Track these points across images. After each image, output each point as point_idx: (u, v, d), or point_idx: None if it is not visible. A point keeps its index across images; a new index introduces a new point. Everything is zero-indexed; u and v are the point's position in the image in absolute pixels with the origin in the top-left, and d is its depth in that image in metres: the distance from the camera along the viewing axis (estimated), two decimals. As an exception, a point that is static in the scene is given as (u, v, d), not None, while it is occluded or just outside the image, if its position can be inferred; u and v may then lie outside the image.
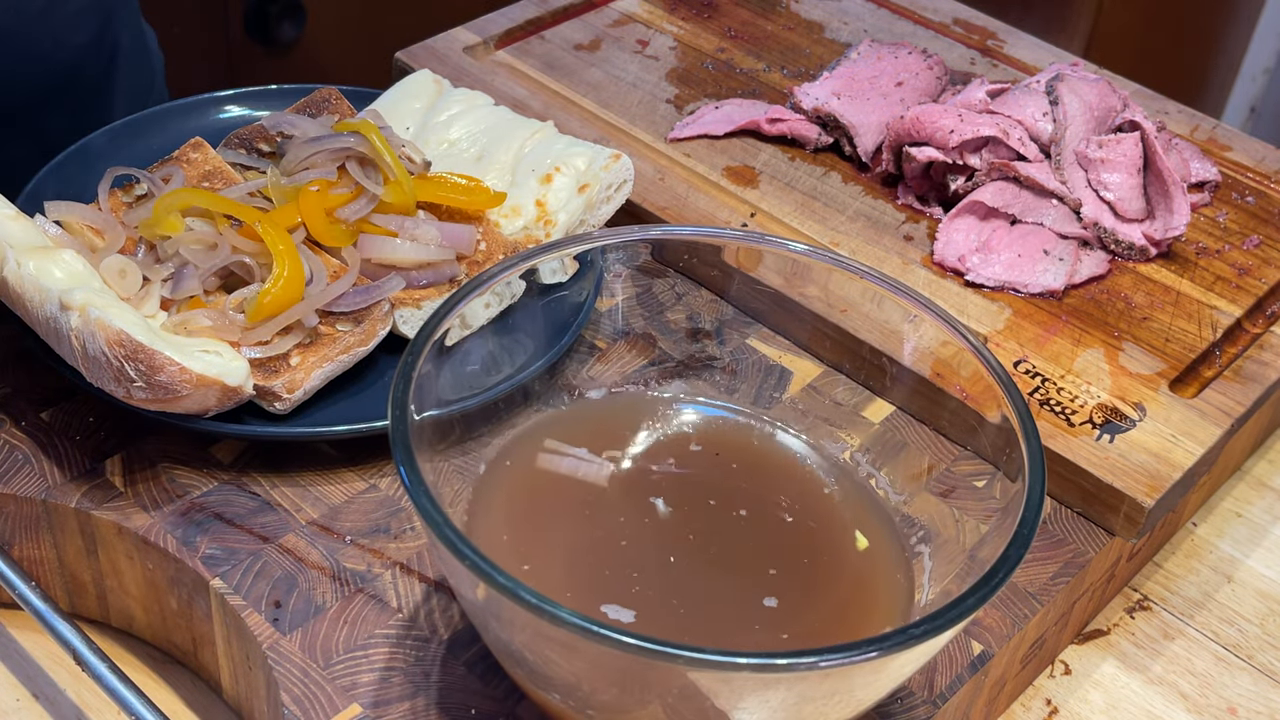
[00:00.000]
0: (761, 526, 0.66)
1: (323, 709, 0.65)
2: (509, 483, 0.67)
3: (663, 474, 0.68)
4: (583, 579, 0.63)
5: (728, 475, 0.69)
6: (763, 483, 0.69)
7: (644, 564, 0.63)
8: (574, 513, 0.66)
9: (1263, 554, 0.86)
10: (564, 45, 1.08)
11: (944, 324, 0.66)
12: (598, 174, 0.87)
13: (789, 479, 0.69)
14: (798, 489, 0.69)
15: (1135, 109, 0.96)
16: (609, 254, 0.75)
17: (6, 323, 0.80)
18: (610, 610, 0.60)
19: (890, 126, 0.96)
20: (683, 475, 0.68)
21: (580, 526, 0.65)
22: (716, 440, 0.71)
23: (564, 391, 0.73)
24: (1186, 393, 0.82)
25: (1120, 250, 0.91)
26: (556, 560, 0.64)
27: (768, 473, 0.70)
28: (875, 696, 0.58)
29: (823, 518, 0.67)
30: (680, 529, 0.65)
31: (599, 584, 0.62)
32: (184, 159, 0.85)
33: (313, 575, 0.70)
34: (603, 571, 0.63)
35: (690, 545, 0.65)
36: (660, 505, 0.66)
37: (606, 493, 0.67)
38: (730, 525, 0.66)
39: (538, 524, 0.66)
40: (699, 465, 0.69)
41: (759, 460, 0.70)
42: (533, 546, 0.64)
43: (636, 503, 0.66)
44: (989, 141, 0.92)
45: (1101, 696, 0.78)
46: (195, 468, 0.75)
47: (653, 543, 0.65)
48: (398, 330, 0.80)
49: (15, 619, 0.77)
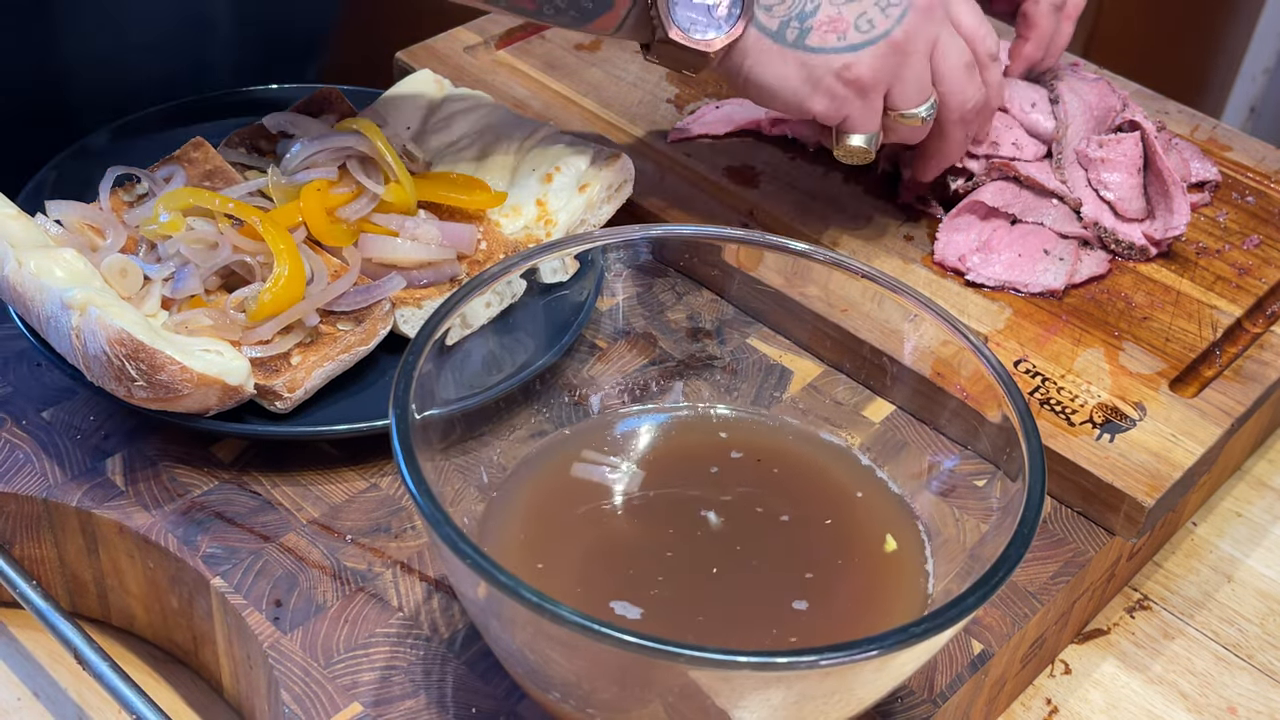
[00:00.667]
0: (799, 531, 0.65)
1: (323, 708, 0.65)
2: (536, 486, 0.67)
3: (700, 481, 0.68)
4: (597, 578, 0.63)
5: (765, 479, 0.69)
6: (799, 488, 0.69)
7: (667, 565, 0.63)
8: (599, 516, 0.66)
9: (1263, 554, 0.86)
10: (564, 45, 1.08)
11: (944, 323, 0.66)
12: (598, 174, 0.87)
13: (824, 483, 0.69)
14: (834, 494, 0.69)
15: (1135, 109, 0.96)
16: (609, 253, 0.75)
17: (6, 322, 0.80)
18: (618, 606, 0.60)
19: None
20: (720, 482, 0.68)
21: (602, 529, 0.65)
22: (753, 445, 0.70)
23: (564, 391, 0.73)
24: (1187, 392, 0.82)
25: (1120, 250, 0.91)
26: (573, 559, 0.64)
27: (805, 478, 0.69)
28: (876, 695, 0.58)
29: (855, 521, 0.67)
30: (717, 537, 0.65)
31: (616, 583, 0.62)
32: (185, 158, 0.85)
33: (313, 574, 0.70)
34: (623, 571, 0.63)
35: (723, 551, 0.64)
36: (708, 516, 0.66)
37: (638, 500, 0.67)
38: (767, 530, 0.65)
39: (559, 525, 0.66)
40: (737, 472, 0.69)
41: (797, 465, 0.70)
42: (550, 545, 0.64)
43: (675, 511, 0.66)
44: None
45: (1101, 696, 0.78)
46: (196, 467, 0.75)
47: (681, 547, 0.65)
48: (398, 330, 0.80)
49: (16, 618, 0.77)
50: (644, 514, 0.66)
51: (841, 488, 0.69)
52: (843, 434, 0.71)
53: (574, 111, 1.01)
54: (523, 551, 0.64)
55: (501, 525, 0.65)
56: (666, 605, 0.61)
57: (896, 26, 0.79)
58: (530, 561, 0.63)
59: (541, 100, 1.02)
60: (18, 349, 0.81)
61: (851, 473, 0.69)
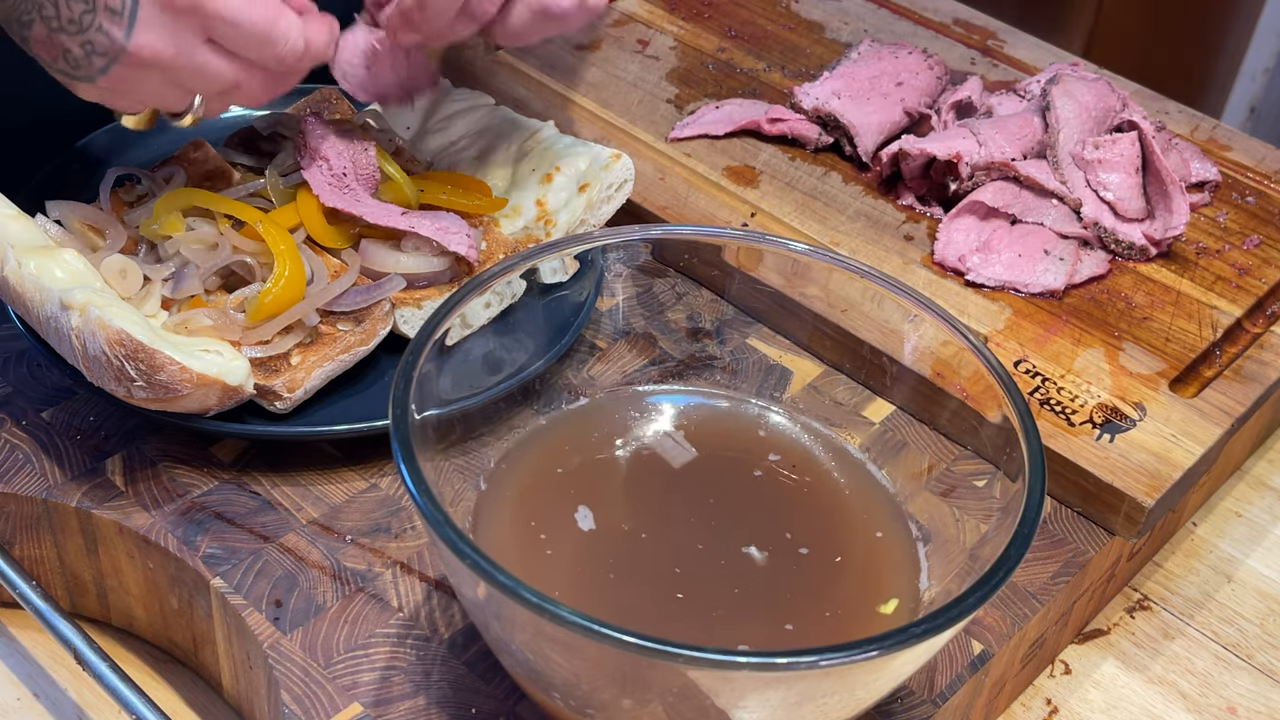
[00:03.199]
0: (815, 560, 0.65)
1: (323, 708, 0.65)
2: (528, 472, 0.67)
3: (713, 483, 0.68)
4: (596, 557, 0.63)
5: (784, 489, 0.69)
6: (817, 513, 0.68)
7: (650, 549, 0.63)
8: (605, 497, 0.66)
9: (1263, 554, 0.86)
10: (564, 45, 1.08)
11: (944, 323, 0.66)
12: (598, 174, 0.87)
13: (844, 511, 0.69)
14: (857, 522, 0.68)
15: (1134, 108, 0.96)
16: (609, 253, 0.75)
17: (6, 322, 0.80)
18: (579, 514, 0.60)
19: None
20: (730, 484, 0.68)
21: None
22: (783, 450, 0.71)
23: (564, 391, 0.73)
24: (1187, 392, 0.82)
25: (1120, 250, 0.91)
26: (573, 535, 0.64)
27: (824, 500, 0.69)
28: (876, 696, 0.58)
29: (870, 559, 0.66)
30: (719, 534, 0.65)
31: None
32: (185, 159, 0.85)
33: (313, 574, 0.70)
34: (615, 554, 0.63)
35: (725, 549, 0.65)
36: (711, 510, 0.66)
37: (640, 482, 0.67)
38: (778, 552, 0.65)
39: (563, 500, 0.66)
40: (751, 481, 0.69)
41: (820, 481, 0.70)
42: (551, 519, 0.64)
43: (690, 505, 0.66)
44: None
45: (1101, 696, 0.78)
46: (196, 467, 0.75)
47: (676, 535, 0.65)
48: (398, 330, 0.80)
49: (16, 618, 0.77)
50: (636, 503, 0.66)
51: (839, 487, 0.69)
52: (843, 434, 0.71)
53: (574, 111, 1.01)
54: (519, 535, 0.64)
55: (495, 513, 0.65)
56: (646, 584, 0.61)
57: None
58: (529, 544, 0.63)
59: (541, 100, 1.02)
60: (18, 349, 0.81)
61: (846, 471, 0.70)
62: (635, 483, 0.68)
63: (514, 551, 0.63)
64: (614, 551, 0.64)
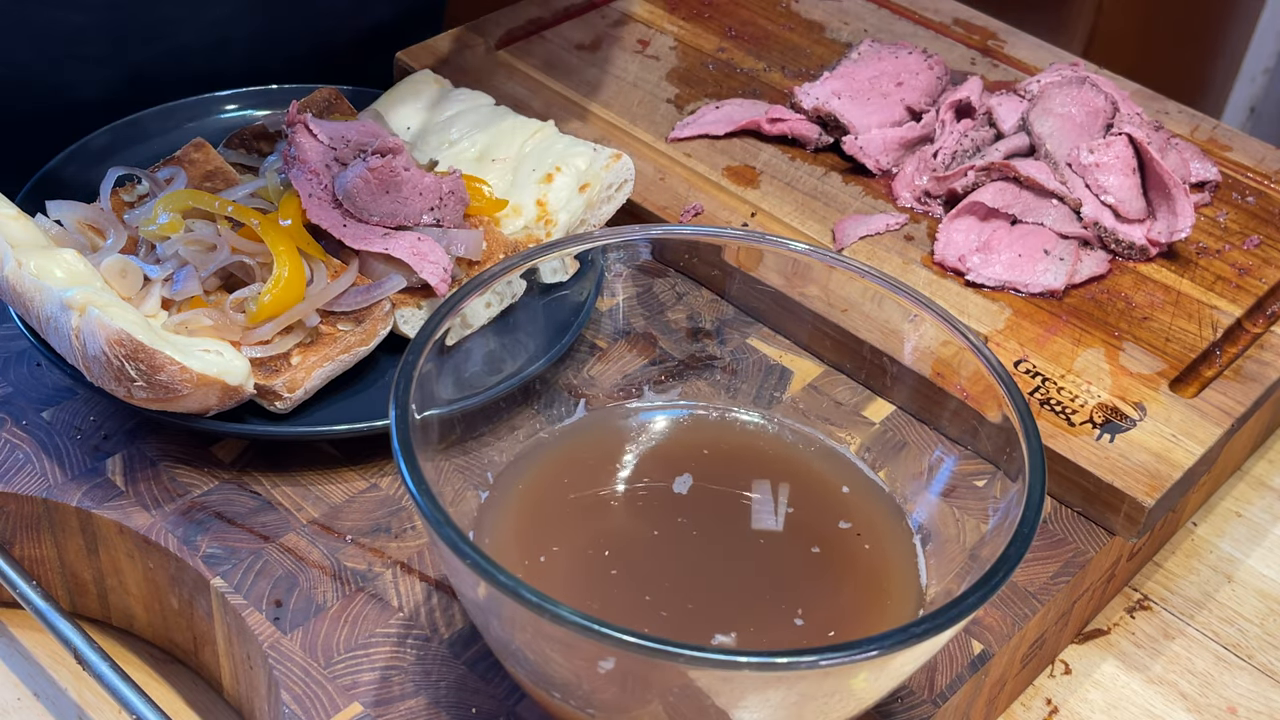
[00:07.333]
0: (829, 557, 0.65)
1: (323, 708, 0.65)
2: (533, 479, 0.67)
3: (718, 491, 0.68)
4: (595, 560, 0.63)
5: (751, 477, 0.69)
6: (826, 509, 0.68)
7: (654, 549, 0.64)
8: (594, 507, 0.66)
9: (1263, 554, 0.86)
10: (565, 45, 1.08)
11: (944, 323, 0.66)
12: (598, 173, 0.87)
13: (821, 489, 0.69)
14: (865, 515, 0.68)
15: (1128, 107, 0.96)
16: (609, 253, 0.75)
17: (6, 322, 0.80)
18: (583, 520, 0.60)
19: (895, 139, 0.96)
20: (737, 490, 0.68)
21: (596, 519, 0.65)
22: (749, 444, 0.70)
23: (564, 391, 0.73)
24: (1187, 392, 0.82)
25: (1121, 250, 0.91)
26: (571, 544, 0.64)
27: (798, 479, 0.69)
28: (876, 695, 0.58)
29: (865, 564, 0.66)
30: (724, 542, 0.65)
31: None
32: (186, 159, 0.85)
33: (313, 574, 0.70)
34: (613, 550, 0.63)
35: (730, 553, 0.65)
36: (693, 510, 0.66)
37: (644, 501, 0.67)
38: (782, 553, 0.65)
39: (555, 516, 0.66)
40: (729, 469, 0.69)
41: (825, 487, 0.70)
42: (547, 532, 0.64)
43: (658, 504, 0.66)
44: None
45: (1101, 696, 0.78)
46: (196, 467, 0.75)
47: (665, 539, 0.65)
48: (398, 330, 0.80)
49: (16, 618, 0.77)
50: (633, 504, 0.66)
51: (836, 490, 0.69)
52: (843, 434, 0.71)
53: (574, 111, 1.01)
54: (520, 541, 0.64)
55: (498, 519, 0.65)
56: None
57: None
58: (530, 549, 0.63)
59: (541, 100, 1.02)
60: (18, 349, 0.81)
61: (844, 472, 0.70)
62: (639, 495, 0.68)
63: (515, 554, 0.63)
64: (615, 552, 0.64)
